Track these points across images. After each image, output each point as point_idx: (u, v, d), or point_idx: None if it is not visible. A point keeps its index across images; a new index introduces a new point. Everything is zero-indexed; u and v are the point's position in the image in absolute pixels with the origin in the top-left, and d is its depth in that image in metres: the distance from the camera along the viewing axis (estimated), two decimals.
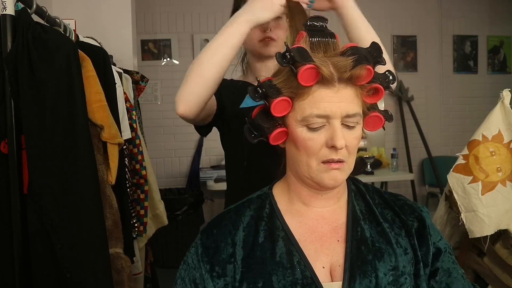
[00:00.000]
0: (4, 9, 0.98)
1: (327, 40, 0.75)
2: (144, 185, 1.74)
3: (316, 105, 0.70)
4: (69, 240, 1.00)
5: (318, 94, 0.71)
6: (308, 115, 0.71)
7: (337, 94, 0.70)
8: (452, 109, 4.31)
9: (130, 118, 1.69)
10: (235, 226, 0.77)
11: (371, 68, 0.72)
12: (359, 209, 0.81)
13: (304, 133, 0.72)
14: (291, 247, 0.74)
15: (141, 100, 2.49)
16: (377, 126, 0.79)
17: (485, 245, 1.19)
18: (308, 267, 0.72)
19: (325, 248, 0.76)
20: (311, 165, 0.73)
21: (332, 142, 0.70)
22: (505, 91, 1.21)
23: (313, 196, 0.79)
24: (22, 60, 0.97)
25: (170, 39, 3.83)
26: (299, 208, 0.80)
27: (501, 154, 1.21)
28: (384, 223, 0.79)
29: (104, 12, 2.31)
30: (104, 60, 1.33)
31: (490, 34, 4.38)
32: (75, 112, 1.04)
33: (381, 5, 4.02)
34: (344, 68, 0.69)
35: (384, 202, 0.83)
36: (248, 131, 0.78)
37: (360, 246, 0.75)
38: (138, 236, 1.69)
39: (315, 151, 0.72)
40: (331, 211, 0.80)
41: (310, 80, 0.70)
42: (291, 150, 0.77)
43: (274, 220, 0.78)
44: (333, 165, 0.72)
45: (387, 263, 0.74)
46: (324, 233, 0.77)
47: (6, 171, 1.00)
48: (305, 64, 0.69)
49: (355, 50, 0.72)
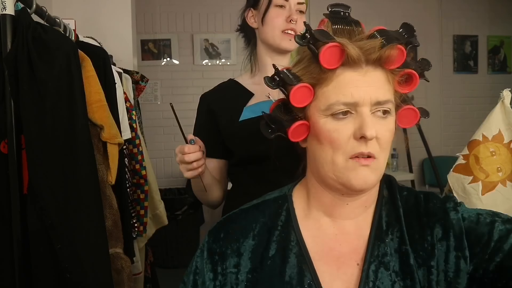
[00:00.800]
0: (4, 9, 0.98)
1: (351, 28, 0.66)
2: (144, 185, 1.74)
3: (342, 91, 0.61)
4: (69, 240, 1.00)
5: (343, 78, 0.62)
6: (333, 102, 0.62)
7: (364, 78, 0.61)
8: (452, 109, 4.31)
9: (130, 118, 1.69)
10: (244, 233, 0.70)
11: (403, 48, 0.63)
12: (387, 222, 0.68)
13: (329, 124, 0.62)
14: (304, 266, 0.65)
15: (141, 100, 2.49)
16: (411, 121, 0.68)
17: None
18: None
19: (342, 272, 0.65)
20: (337, 162, 0.63)
21: (361, 132, 0.60)
22: (505, 91, 1.21)
23: (337, 204, 0.68)
24: (22, 60, 0.97)
25: (170, 39, 3.83)
26: (319, 218, 0.70)
27: (501, 154, 1.21)
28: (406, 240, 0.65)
29: (104, 12, 2.31)
30: (104, 60, 1.33)
31: (490, 34, 4.38)
32: (75, 112, 1.04)
33: (380, 5, 4.02)
34: (372, 48, 0.61)
35: (416, 208, 0.69)
36: (265, 126, 0.70)
37: (377, 273, 0.63)
38: (138, 236, 1.69)
39: (341, 143, 0.62)
40: (355, 224, 0.68)
41: (334, 62, 0.61)
42: (313, 146, 0.67)
43: (289, 231, 0.69)
44: (363, 161, 0.61)
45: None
46: (343, 253, 0.67)
47: (6, 171, 1.00)
48: (328, 42, 0.61)
49: (384, 32, 0.64)
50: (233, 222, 0.72)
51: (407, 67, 0.66)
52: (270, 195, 0.75)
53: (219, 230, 0.72)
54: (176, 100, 4.07)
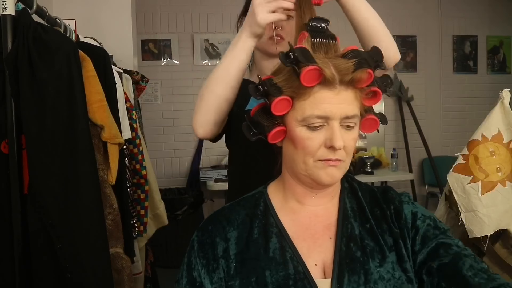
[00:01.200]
0: (4, 9, 0.98)
1: (328, 42, 0.76)
2: (144, 185, 1.74)
3: (317, 106, 0.71)
4: (69, 240, 1.00)
5: (319, 95, 0.72)
6: (308, 115, 0.72)
7: (337, 96, 0.71)
8: (452, 109, 4.31)
9: (130, 118, 1.69)
10: (230, 222, 0.79)
11: (372, 72, 0.73)
12: (350, 207, 0.82)
13: (303, 132, 0.73)
14: (284, 243, 0.76)
15: (141, 100, 2.49)
16: (372, 128, 0.81)
17: (484, 245, 1.19)
18: (300, 262, 0.74)
19: (317, 245, 0.77)
20: (308, 163, 0.74)
21: (331, 143, 0.71)
22: (505, 91, 1.21)
23: (308, 194, 0.80)
24: (22, 60, 0.98)
25: (170, 39, 3.83)
26: (293, 205, 0.81)
27: (500, 154, 1.21)
28: (372, 220, 0.80)
29: (104, 12, 2.31)
30: (104, 60, 1.34)
31: (489, 34, 4.38)
32: (75, 112, 1.04)
33: (381, 5, 4.00)
34: (345, 70, 0.71)
35: (375, 200, 0.84)
36: (247, 128, 0.79)
37: (349, 243, 0.76)
38: (138, 236, 1.69)
39: (313, 150, 0.73)
40: (324, 209, 0.81)
41: (313, 81, 0.71)
42: (289, 148, 0.78)
43: (268, 217, 0.80)
44: (331, 163, 0.73)
45: (375, 260, 0.75)
46: (317, 231, 0.79)
47: (6, 171, 1.00)
48: (308, 65, 0.69)
49: (356, 53, 0.73)
50: (219, 215, 0.82)
51: (373, 85, 0.76)
52: (248, 194, 0.86)
53: (207, 224, 0.81)
54: (176, 100, 4.09)
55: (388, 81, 0.79)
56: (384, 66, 0.77)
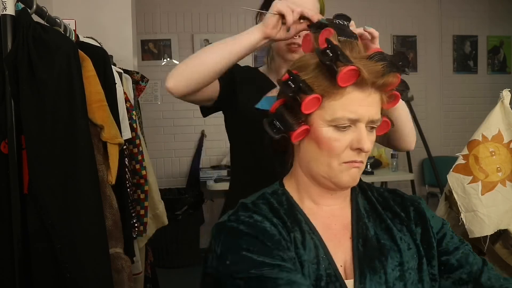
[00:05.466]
0: (4, 9, 0.98)
1: (352, 41, 0.75)
2: (144, 185, 1.74)
3: (348, 107, 0.70)
4: (69, 240, 1.00)
5: (351, 96, 0.70)
6: (340, 117, 0.70)
7: (368, 98, 0.71)
8: (452, 109, 4.31)
9: (130, 118, 1.69)
10: (262, 215, 0.73)
11: (399, 76, 0.73)
12: (363, 207, 0.81)
13: (331, 133, 0.72)
14: (317, 241, 0.74)
15: (141, 100, 2.49)
16: (383, 130, 0.81)
17: (485, 245, 1.19)
18: (332, 263, 0.73)
19: (340, 245, 0.76)
20: (332, 166, 0.73)
21: (358, 145, 0.71)
22: (505, 91, 1.21)
23: (323, 195, 0.79)
24: (22, 60, 0.97)
25: (170, 39, 3.83)
26: (310, 206, 0.79)
27: (501, 154, 1.21)
28: (387, 219, 0.79)
29: (104, 12, 2.31)
30: (104, 60, 1.33)
31: (490, 34, 4.37)
32: (75, 112, 1.04)
33: (381, 5, 4.02)
34: (377, 73, 0.69)
35: (384, 200, 0.84)
36: (270, 125, 0.75)
37: (366, 244, 0.76)
38: (138, 236, 1.69)
39: (339, 152, 0.72)
40: (340, 209, 0.80)
41: (349, 81, 0.69)
42: (311, 148, 0.75)
43: (295, 214, 0.76)
44: (355, 164, 0.73)
45: (394, 259, 0.74)
46: (338, 231, 0.78)
47: (6, 171, 1.00)
48: (348, 65, 0.68)
49: (382, 56, 0.71)
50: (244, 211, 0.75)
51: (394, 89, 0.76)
52: (266, 190, 0.82)
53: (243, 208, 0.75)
54: (176, 100, 4.06)
55: (405, 85, 0.78)
56: (408, 72, 0.76)
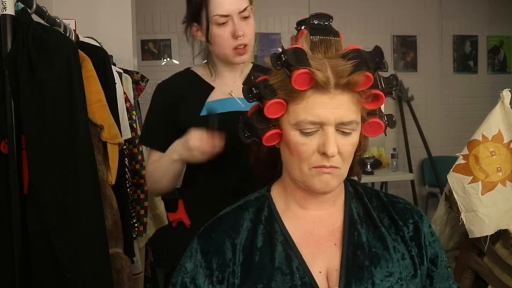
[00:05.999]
0: (4, 9, 0.98)
1: (329, 39, 0.72)
2: (144, 185, 1.74)
3: (310, 111, 0.68)
4: (69, 240, 1.00)
5: (312, 99, 0.68)
6: (301, 120, 0.69)
7: (332, 100, 0.68)
8: (452, 109, 4.31)
9: (130, 118, 1.69)
10: (234, 229, 0.75)
11: (371, 75, 0.69)
12: (356, 212, 0.79)
13: (297, 137, 0.70)
14: (290, 252, 0.73)
15: (141, 100, 2.49)
16: (377, 132, 0.76)
17: (485, 245, 1.19)
18: (307, 273, 0.71)
19: (322, 251, 0.74)
20: (303, 170, 0.72)
21: (323, 149, 0.68)
22: (505, 91, 1.21)
23: (308, 199, 0.77)
24: (22, 60, 0.97)
25: (170, 39, 3.83)
26: (296, 211, 0.78)
27: (501, 154, 1.21)
28: (381, 227, 0.77)
29: (104, 12, 2.31)
30: (104, 60, 1.33)
31: (490, 34, 4.38)
32: (75, 112, 1.04)
33: (381, 5, 4.02)
34: (342, 73, 0.67)
35: (382, 205, 0.81)
36: (242, 130, 0.77)
37: (357, 251, 0.73)
38: (138, 236, 1.70)
39: (307, 156, 0.70)
40: (328, 214, 0.78)
41: (305, 85, 0.67)
42: (285, 152, 0.76)
43: (273, 223, 0.76)
44: (325, 170, 0.70)
45: (384, 269, 0.72)
46: (321, 237, 0.76)
47: (6, 171, 1.00)
48: (299, 68, 0.66)
49: (357, 53, 0.69)
50: (222, 222, 0.78)
51: (376, 86, 0.72)
52: (251, 196, 0.82)
53: (209, 231, 0.78)
54: None
55: (394, 82, 0.74)
56: (385, 67, 0.72)
